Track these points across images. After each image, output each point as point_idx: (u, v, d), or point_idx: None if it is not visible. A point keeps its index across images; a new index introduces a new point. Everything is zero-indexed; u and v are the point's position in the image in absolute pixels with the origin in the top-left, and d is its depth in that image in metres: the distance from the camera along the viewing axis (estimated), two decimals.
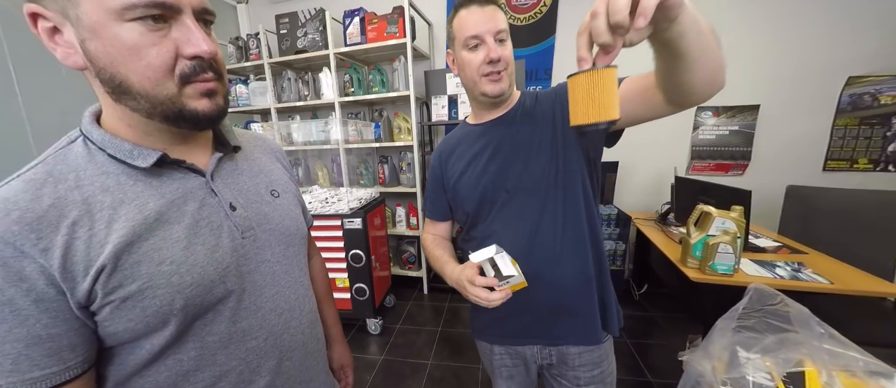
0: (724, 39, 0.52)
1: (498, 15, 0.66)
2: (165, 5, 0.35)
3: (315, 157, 2.73)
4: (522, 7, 2.32)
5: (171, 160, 0.42)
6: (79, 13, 0.33)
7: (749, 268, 1.31)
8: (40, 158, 0.39)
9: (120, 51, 0.34)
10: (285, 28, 2.38)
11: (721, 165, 2.25)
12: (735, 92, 2.14)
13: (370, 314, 2.01)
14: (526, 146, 0.72)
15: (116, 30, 0.34)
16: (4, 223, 0.33)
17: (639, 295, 2.29)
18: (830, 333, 0.54)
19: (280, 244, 0.52)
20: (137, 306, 0.37)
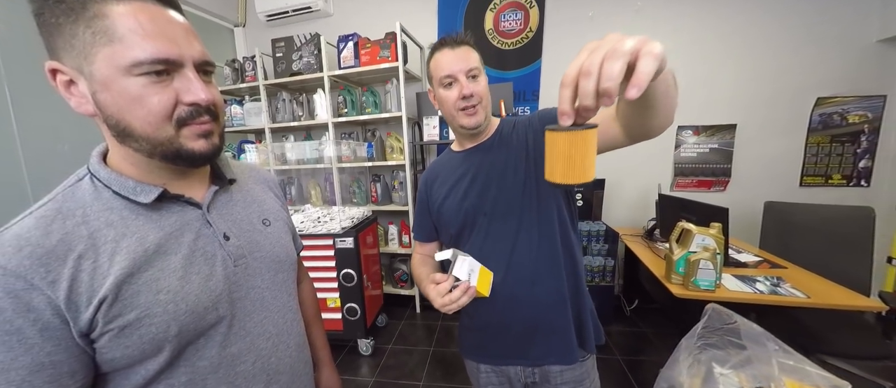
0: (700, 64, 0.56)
1: (470, 54, 0.72)
2: (169, 62, 0.39)
3: (308, 176, 2.75)
4: (510, 32, 2.43)
5: (170, 195, 0.45)
6: (92, 70, 0.37)
7: (731, 283, 1.35)
8: (51, 195, 0.42)
9: (126, 100, 0.38)
10: (281, 51, 2.45)
11: (703, 181, 2.32)
12: (713, 112, 2.24)
13: (361, 335, 1.99)
14: (501, 172, 0.76)
15: (125, 83, 0.38)
16: (17, 258, 0.35)
17: (630, 311, 2.31)
18: (784, 349, 0.57)
19: (270, 271, 0.55)
20: (135, 333, 0.40)
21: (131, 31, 0.37)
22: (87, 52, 0.37)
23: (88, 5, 0.36)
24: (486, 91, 0.74)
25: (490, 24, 2.44)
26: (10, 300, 0.35)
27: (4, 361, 0.34)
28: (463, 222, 0.79)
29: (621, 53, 0.35)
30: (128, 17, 0.37)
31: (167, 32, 0.39)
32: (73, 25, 0.36)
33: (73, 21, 0.36)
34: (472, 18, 2.46)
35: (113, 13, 0.36)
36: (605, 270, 2.17)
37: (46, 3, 0.36)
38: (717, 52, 2.17)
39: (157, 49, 0.38)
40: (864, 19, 1.99)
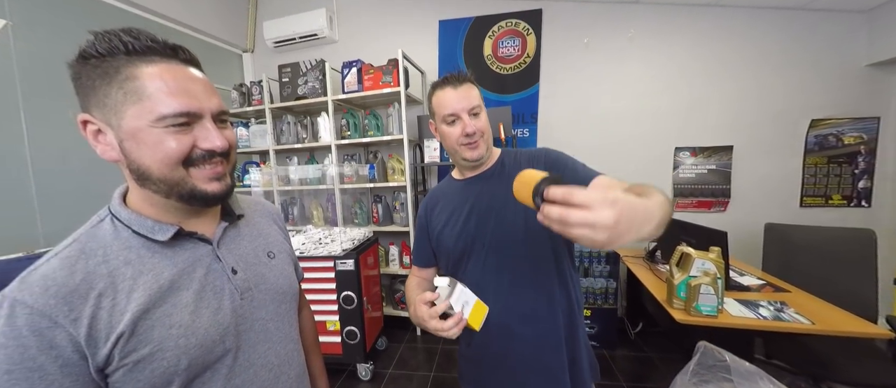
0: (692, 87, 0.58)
1: (471, 92, 0.75)
2: (190, 114, 0.43)
3: (311, 196, 2.78)
4: (508, 58, 2.51)
5: (185, 232, 0.48)
6: (122, 123, 0.41)
7: (733, 308, 1.34)
8: (74, 235, 0.44)
9: (149, 148, 0.42)
10: (287, 76, 2.54)
11: (703, 202, 2.33)
12: (709, 133, 2.28)
13: (361, 359, 1.96)
14: (501, 203, 0.77)
15: (148, 134, 0.42)
16: (43, 298, 0.38)
17: (634, 334, 2.27)
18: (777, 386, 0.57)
19: (274, 302, 0.56)
20: (148, 367, 0.41)
21: (158, 89, 0.41)
22: (118, 109, 0.41)
23: (122, 70, 0.40)
24: (486, 126, 0.77)
25: (489, 50, 2.53)
26: (34, 338, 0.36)
27: None
28: (462, 251, 0.80)
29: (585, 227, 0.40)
30: (155, 78, 0.41)
31: (189, 89, 0.43)
32: (107, 87, 0.41)
33: (107, 83, 0.40)
34: (471, 45, 2.55)
35: (143, 75, 0.41)
36: (607, 292, 2.15)
37: (84, 69, 0.41)
38: (710, 76, 2.23)
39: (181, 104, 0.42)
40: (852, 44, 2.05)
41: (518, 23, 2.45)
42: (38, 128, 1.67)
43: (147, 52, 0.42)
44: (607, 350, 2.13)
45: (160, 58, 0.42)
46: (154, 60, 0.42)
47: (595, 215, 0.39)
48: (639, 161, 2.39)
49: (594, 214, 0.39)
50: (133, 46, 0.41)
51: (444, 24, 2.57)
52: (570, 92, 2.44)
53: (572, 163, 0.77)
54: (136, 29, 0.42)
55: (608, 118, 2.40)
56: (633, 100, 2.35)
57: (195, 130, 0.44)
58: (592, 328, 2.17)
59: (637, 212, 0.42)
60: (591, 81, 2.40)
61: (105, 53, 0.40)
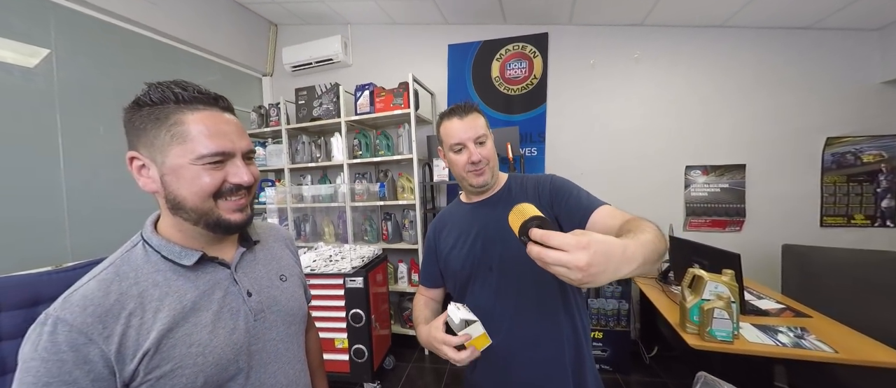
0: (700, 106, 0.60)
1: (477, 122, 0.79)
2: (224, 154, 0.49)
3: (323, 213, 2.85)
4: (515, 79, 2.57)
5: (207, 257, 0.52)
6: (165, 159, 0.47)
7: (750, 333, 1.29)
8: (110, 259, 0.49)
9: (186, 182, 0.48)
10: (303, 99, 2.66)
11: (717, 221, 2.28)
12: (720, 152, 2.26)
13: (368, 378, 1.95)
14: (506, 229, 0.78)
15: (188, 170, 0.47)
16: (82, 317, 0.42)
17: (649, 358, 2.19)
18: None
19: (284, 324, 0.60)
20: (168, 383, 0.45)
21: (200, 133, 0.47)
22: (164, 149, 0.47)
23: (170, 115, 0.47)
24: (492, 153, 0.81)
25: (496, 72, 2.60)
26: (72, 353, 0.40)
27: None
28: (468, 274, 0.81)
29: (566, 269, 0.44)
30: (198, 123, 0.47)
31: (225, 132, 0.50)
32: (156, 130, 0.47)
33: (156, 127, 0.47)
34: (479, 68, 2.63)
35: (188, 120, 0.47)
36: (619, 313, 2.10)
37: (138, 113, 0.47)
38: (720, 94, 2.23)
39: (217, 145, 0.48)
40: (866, 62, 2.03)
41: (525, 46, 2.53)
42: (72, 147, 1.79)
43: (193, 101, 0.48)
44: (621, 375, 2.06)
45: (204, 106, 0.49)
46: (198, 108, 0.48)
47: (569, 257, 0.43)
48: (648, 180, 2.37)
49: (568, 256, 0.43)
50: (182, 96, 0.47)
51: (453, 48, 2.66)
52: (577, 112, 2.47)
53: (577, 191, 0.78)
54: (185, 81, 0.49)
55: (616, 137, 2.41)
56: (642, 119, 2.36)
57: (227, 166, 0.50)
58: (604, 351, 2.11)
59: (613, 255, 0.45)
60: (599, 101, 2.43)
61: (158, 101, 0.47)
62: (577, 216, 0.73)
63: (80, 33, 1.86)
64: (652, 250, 0.52)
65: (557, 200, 0.78)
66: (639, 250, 0.49)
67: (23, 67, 1.68)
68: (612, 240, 0.46)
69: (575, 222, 0.74)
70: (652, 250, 0.52)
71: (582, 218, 0.72)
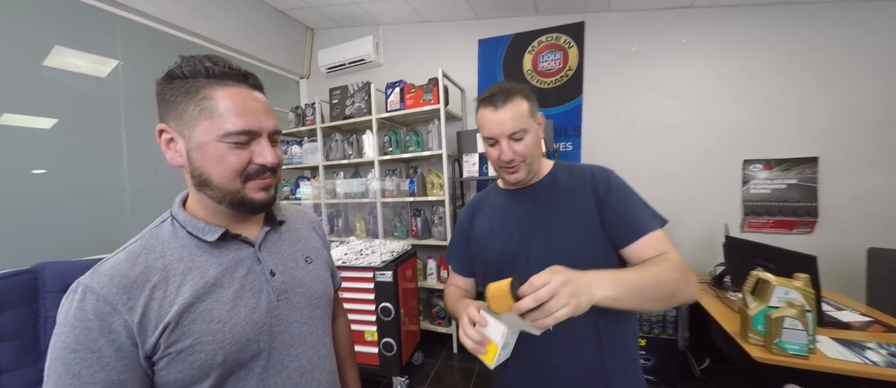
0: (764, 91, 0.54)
1: (516, 113, 0.69)
2: (250, 133, 0.48)
3: (355, 209, 2.92)
4: (549, 72, 2.47)
5: (231, 234, 0.52)
6: (192, 134, 0.47)
7: (829, 348, 1.12)
8: (141, 234, 0.51)
9: (212, 159, 0.47)
10: (337, 98, 2.74)
11: (782, 222, 2.03)
12: (786, 144, 2.00)
13: (397, 372, 1.95)
14: (550, 222, 0.73)
15: (214, 147, 0.47)
16: (108, 286, 0.43)
17: (700, 371, 1.99)
18: None
19: (309, 306, 0.59)
20: (188, 358, 0.45)
21: (228, 109, 0.47)
22: (192, 123, 0.47)
23: (201, 90, 0.47)
24: (530, 148, 0.72)
25: (528, 65, 2.51)
26: (97, 321, 0.41)
27: (85, 375, 0.40)
28: (502, 266, 0.76)
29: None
30: (226, 99, 0.47)
31: (253, 110, 0.49)
32: (186, 103, 0.47)
33: (187, 100, 0.47)
34: (510, 61, 2.56)
35: (217, 95, 0.47)
36: (665, 320, 1.93)
37: (170, 86, 0.47)
38: (782, 79, 1.98)
39: (244, 123, 0.47)
40: None
41: (559, 37, 2.42)
42: (135, 148, 1.97)
43: (223, 77, 0.48)
44: (666, 387, 1.89)
45: (233, 82, 0.48)
46: (228, 84, 0.48)
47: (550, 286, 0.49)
48: (698, 176, 2.17)
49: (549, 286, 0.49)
50: (213, 71, 0.47)
51: (484, 43, 2.61)
52: (616, 103, 2.32)
53: (634, 201, 0.70)
54: (217, 56, 0.49)
55: (660, 130, 2.23)
56: (690, 109, 2.16)
57: (252, 146, 0.49)
58: (648, 359, 1.94)
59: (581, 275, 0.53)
60: (641, 91, 2.26)
61: (189, 75, 0.47)
62: (624, 231, 0.68)
63: (141, 43, 2.05)
64: (638, 286, 0.56)
65: (612, 201, 0.70)
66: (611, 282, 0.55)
67: (96, 77, 1.88)
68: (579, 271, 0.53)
69: (618, 234, 0.69)
70: (638, 286, 0.56)
71: (627, 236, 0.68)
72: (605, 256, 0.71)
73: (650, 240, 0.67)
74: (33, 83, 1.66)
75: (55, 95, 1.73)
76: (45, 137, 1.70)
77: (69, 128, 1.76)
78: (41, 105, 1.69)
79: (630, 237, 0.68)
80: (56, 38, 1.72)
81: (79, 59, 1.81)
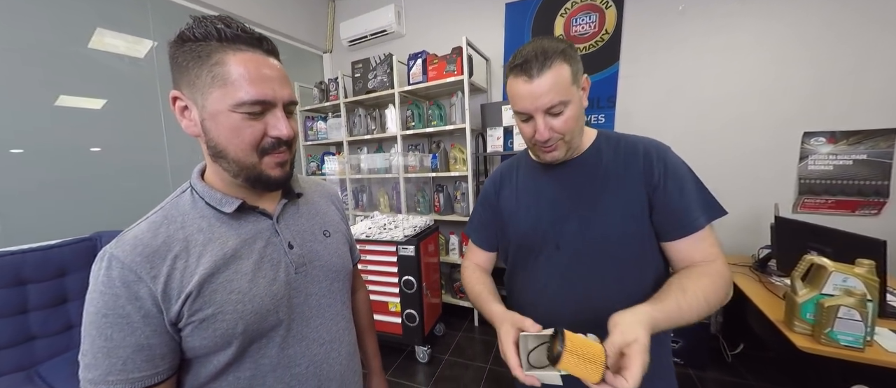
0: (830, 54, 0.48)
1: (554, 82, 0.58)
2: (265, 103, 0.46)
3: (378, 185, 2.96)
4: (582, 36, 2.28)
5: (248, 206, 0.52)
6: (205, 103, 0.46)
7: (889, 342, 1.01)
8: (162, 204, 0.52)
9: (226, 130, 0.46)
10: (359, 72, 2.71)
11: (843, 202, 1.82)
12: (859, 113, 1.75)
13: (419, 341, 2.03)
14: (588, 204, 0.65)
15: (227, 117, 0.45)
16: (132, 255, 0.44)
17: (731, 356, 1.90)
18: None
19: (327, 279, 0.59)
20: (210, 327, 0.46)
21: (241, 76, 0.44)
22: (204, 90, 0.45)
23: (212, 54, 0.44)
24: (573, 122, 0.61)
25: (560, 29, 2.33)
26: (124, 289, 0.43)
27: (116, 338, 0.42)
28: (530, 246, 0.70)
29: None
30: (239, 66, 0.44)
31: (268, 78, 0.46)
32: (198, 68, 0.45)
33: (199, 65, 0.45)
34: (540, 26, 2.38)
35: (230, 61, 0.44)
36: None
37: (181, 49, 0.45)
38: (859, 39, 1.70)
39: (258, 92, 0.45)
40: None
41: None
42: (174, 131, 2.07)
43: (236, 40, 0.45)
44: (694, 370, 1.83)
45: (247, 47, 0.46)
46: (241, 49, 0.45)
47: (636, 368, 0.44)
48: (746, 151, 1.97)
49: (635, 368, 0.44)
50: (224, 34, 0.44)
51: (511, 7, 2.44)
52: (657, 70, 2.12)
53: (689, 190, 0.62)
54: (230, 18, 0.46)
55: (706, 100, 2.02)
56: (744, 76, 1.93)
57: (267, 117, 0.47)
58: (676, 342, 1.88)
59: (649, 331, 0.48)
60: (687, 55, 2.04)
61: (200, 38, 0.44)
62: (673, 224, 0.62)
63: (172, 22, 2.09)
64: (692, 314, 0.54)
65: (668, 187, 0.62)
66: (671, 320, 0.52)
67: (134, 57, 1.96)
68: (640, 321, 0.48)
69: (666, 227, 0.62)
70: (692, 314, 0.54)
71: (677, 230, 0.62)
72: (648, 248, 0.65)
73: (699, 240, 0.61)
74: (82, 65, 1.76)
75: (101, 76, 1.83)
76: (98, 116, 1.82)
77: (116, 108, 1.87)
78: (91, 86, 1.80)
79: (679, 233, 0.61)
80: (96, 20, 1.80)
81: (117, 40, 1.89)
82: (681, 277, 0.58)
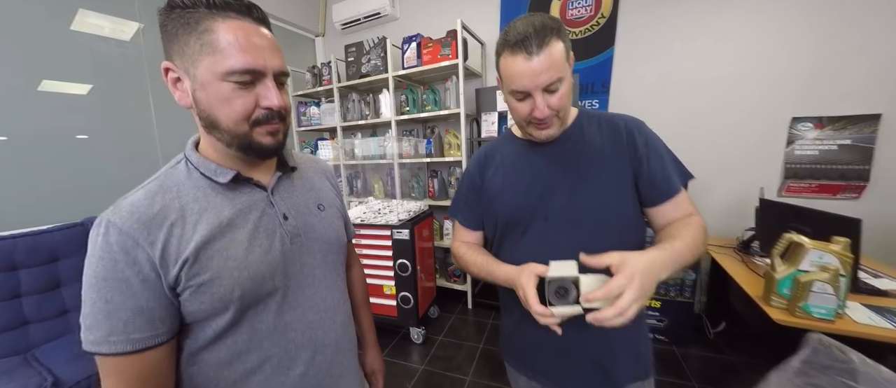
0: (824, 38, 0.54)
1: (552, 60, 0.58)
2: (255, 72, 0.46)
3: (373, 170, 2.96)
4: (578, 20, 2.26)
5: (243, 178, 0.53)
6: (196, 72, 0.46)
7: (859, 314, 1.07)
8: (156, 175, 0.52)
9: (218, 100, 0.46)
10: (352, 56, 2.67)
11: (826, 186, 1.87)
12: (846, 100, 1.79)
13: (414, 323, 2.07)
14: (574, 178, 0.68)
15: (218, 86, 0.45)
16: (129, 222, 0.45)
17: (714, 334, 1.99)
18: None
19: (321, 251, 0.60)
20: (208, 292, 0.48)
21: (230, 44, 0.44)
22: (195, 59, 0.45)
23: (201, 22, 0.44)
24: (565, 100, 0.63)
25: (556, 12, 2.31)
26: (122, 254, 0.44)
27: (117, 302, 0.44)
28: (518, 222, 0.72)
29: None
30: (228, 33, 0.44)
31: (257, 46, 0.46)
32: (187, 36, 0.45)
33: (187, 33, 0.45)
34: (536, 10, 2.36)
35: (219, 29, 0.44)
36: (683, 284, 1.90)
37: (170, 17, 0.45)
38: (853, 24, 1.72)
39: (247, 61, 0.45)
40: None
41: None
42: (163, 114, 2.03)
43: (225, 7, 0.45)
44: (678, 347, 1.91)
45: (236, 14, 0.45)
46: (230, 16, 0.45)
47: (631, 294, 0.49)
48: (736, 136, 2.00)
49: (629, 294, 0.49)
50: (213, 1, 0.44)
51: None
52: (652, 55, 2.12)
53: (667, 157, 0.68)
54: None
55: (699, 85, 2.04)
56: (737, 61, 1.95)
57: (258, 87, 0.47)
58: (661, 321, 1.95)
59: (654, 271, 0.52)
60: (682, 39, 2.04)
61: (188, 5, 0.44)
62: (656, 191, 0.67)
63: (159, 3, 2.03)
64: (687, 258, 0.59)
65: (650, 159, 0.66)
66: (671, 262, 0.56)
67: (119, 39, 1.90)
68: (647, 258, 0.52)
69: (651, 194, 0.68)
70: (687, 258, 0.59)
71: (660, 197, 0.67)
72: (632, 216, 0.69)
73: (679, 201, 0.67)
74: (65, 49, 1.71)
75: (86, 60, 1.78)
76: (83, 102, 1.78)
77: (103, 94, 1.83)
78: (75, 71, 1.75)
79: (662, 198, 0.67)
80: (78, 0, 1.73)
81: (101, 21, 1.83)
82: (670, 230, 0.65)
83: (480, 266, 0.75)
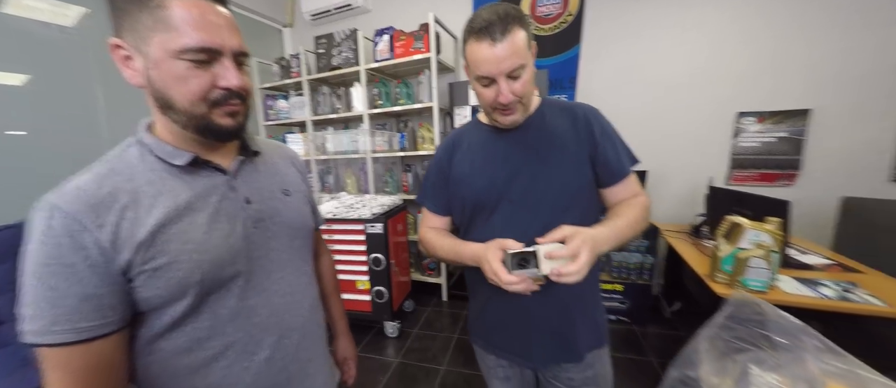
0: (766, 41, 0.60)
1: (514, 47, 0.61)
2: (211, 50, 0.44)
3: (345, 165, 2.90)
4: (547, 18, 2.34)
5: (201, 161, 0.51)
6: (148, 50, 0.44)
7: (788, 286, 1.20)
8: (106, 157, 0.49)
9: (172, 79, 0.44)
10: (323, 47, 2.60)
11: (766, 175, 2.06)
12: (783, 96, 1.97)
13: (388, 317, 2.07)
14: (536, 159, 0.72)
15: (172, 65, 0.44)
16: (76, 205, 0.43)
17: (670, 313, 2.14)
18: (828, 347, 0.50)
19: (287, 236, 0.60)
20: (164, 276, 0.46)
21: (184, 21, 0.42)
22: (146, 36, 0.43)
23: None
24: (528, 87, 0.66)
25: (527, 10, 2.37)
26: (67, 238, 0.42)
27: (61, 288, 0.41)
28: (485, 204, 0.75)
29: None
30: (182, 9, 0.43)
31: (214, 24, 0.44)
32: (139, 12, 0.43)
33: (138, 8, 0.43)
34: None
35: (172, 4, 0.42)
36: (642, 268, 2.03)
37: None
38: (788, 28, 1.90)
39: (202, 39, 0.43)
40: None
41: None
42: (113, 106, 1.88)
43: None
44: (637, 326, 2.05)
45: None
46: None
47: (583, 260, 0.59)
48: (690, 128, 2.16)
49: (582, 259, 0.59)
50: None
51: None
52: (617, 52, 2.23)
53: (619, 143, 0.75)
54: None
55: (658, 81, 2.17)
56: (693, 59, 2.09)
57: (215, 67, 0.45)
58: (623, 303, 2.08)
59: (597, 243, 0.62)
60: (644, 37, 2.16)
61: None
62: (610, 174, 0.74)
63: None
64: (627, 234, 0.68)
65: (602, 144, 0.72)
66: (613, 236, 0.66)
67: (60, 24, 1.73)
68: (593, 230, 0.63)
69: (606, 176, 0.74)
70: (627, 234, 0.68)
71: (613, 179, 0.74)
72: (587, 197, 0.74)
73: (629, 183, 0.75)
74: None
75: (21, 47, 1.61)
76: (19, 94, 1.61)
77: (42, 85, 1.66)
78: (8, 59, 1.58)
79: (614, 179, 0.74)
80: None
81: (39, 3, 1.66)
82: (616, 209, 0.73)
83: (448, 249, 0.78)
